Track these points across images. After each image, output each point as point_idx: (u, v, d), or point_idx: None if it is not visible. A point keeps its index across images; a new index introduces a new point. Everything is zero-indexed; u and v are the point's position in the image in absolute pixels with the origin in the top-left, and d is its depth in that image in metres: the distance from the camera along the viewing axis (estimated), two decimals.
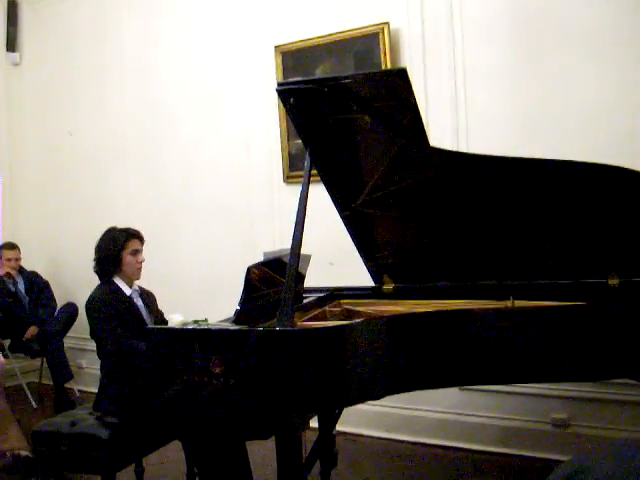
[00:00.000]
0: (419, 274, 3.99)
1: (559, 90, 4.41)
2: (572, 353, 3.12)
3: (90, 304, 4.11)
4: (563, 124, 4.38)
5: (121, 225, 4.33)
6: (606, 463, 0.76)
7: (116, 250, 4.19)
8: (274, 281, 3.55)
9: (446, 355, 3.15)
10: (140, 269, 4.29)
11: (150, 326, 4.05)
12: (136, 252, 4.25)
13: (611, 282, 3.57)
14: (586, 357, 3.12)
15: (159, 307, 4.47)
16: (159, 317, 4.37)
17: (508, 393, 4.66)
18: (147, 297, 4.38)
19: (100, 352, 4.11)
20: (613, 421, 4.31)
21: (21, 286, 6.83)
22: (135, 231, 4.30)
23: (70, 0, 7.14)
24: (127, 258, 4.21)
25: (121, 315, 4.08)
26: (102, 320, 4.05)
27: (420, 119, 3.17)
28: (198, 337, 3.07)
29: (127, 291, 4.23)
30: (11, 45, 7.53)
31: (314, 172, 3.42)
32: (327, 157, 3.52)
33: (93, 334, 4.11)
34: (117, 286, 4.21)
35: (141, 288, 4.38)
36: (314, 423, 4.10)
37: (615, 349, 3.10)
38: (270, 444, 3.21)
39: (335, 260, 4.96)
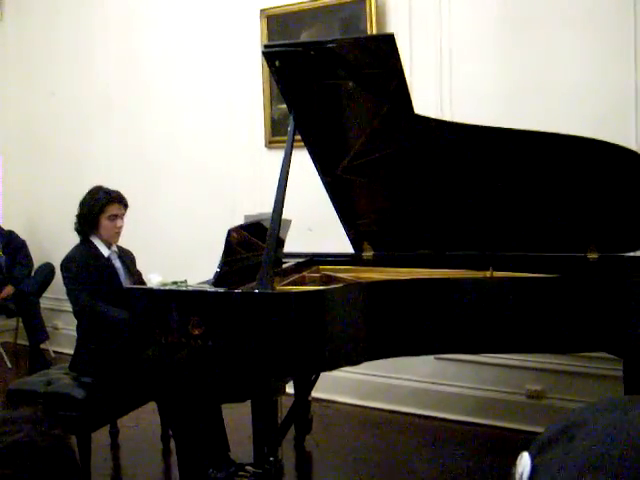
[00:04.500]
0: (399, 242, 4.00)
1: (545, 62, 4.39)
2: (549, 325, 3.15)
3: (65, 263, 4.09)
4: (548, 96, 4.37)
5: (107, 185, 4.30)
6: (601, 416, 0.76)
7: (94, 212, 4.13)
8: (253, 245, 3.54)
9: (424, 323, 3.17)
10: (118, 234, 4.24)
11: (129, 286, 4.02)
12: (115, 217, 4.19)
13: (590, 256, 3.60)
14: (563, 329, 3.15)
15: (138, 268, 4.45)
16: (137, 277, 4.34)
17: (483, 363, 4.68)
18: (126, 257, 4.35)
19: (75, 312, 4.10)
20: (587, 394, 4.34)
21: None
22: (118, 195, 4.23)
23: None
24: (104, 222, 4.15)
25: (96, 277, 4.06)
26: (72, 280, 4.04)
27: (406, 86, 3.15)
28: (177, 298, 3.06)
29: (105, 252, 4.19)
30: None
31: (297, 137, 3.41)
32: (311, 122, 3.51)
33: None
34: (95, 246, 4.18)
35: (120, 248, 4.34)
36: (290, 389, 4.12)
37: (591, 322, 3.12)
38: (244, 408, 3.22)
39: (315, 226, 4.94)
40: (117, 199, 4.21)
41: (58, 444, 1.12)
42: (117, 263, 4.24)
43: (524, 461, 0.78)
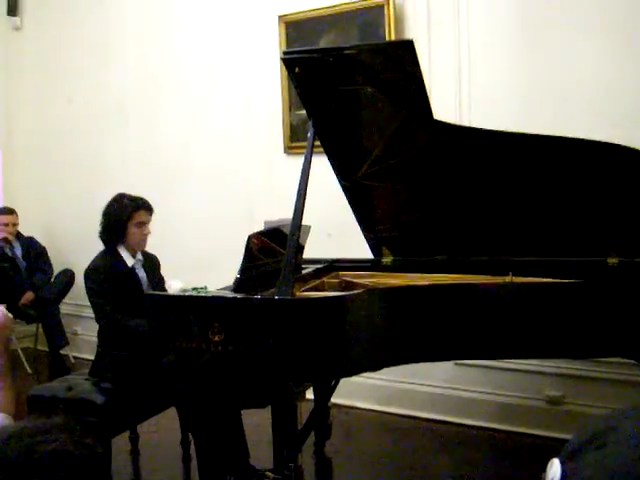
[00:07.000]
0: (418, 248, 3.99)
1: (562, 66, 4.38)
2: (569, 330, 3.13)
3: (88, 273, 4.09)
4: (565, 99, 4.36)
5: (125, 192, 4.30)
6: (630, 423, 0.76)
7: (122, 220, 4.12)
8: (273, 251, 3.54)
9: (444, 328, 3.16)
10: (145, 241, 4.24)
11: (150, 292, 4.02)
12: (142, 224, 4.17)
13: (610, 261, 3.57)
14: (582, 334, 3.13)
15: (161, 273, 4.45)
16: (160, 283, 4.33)
17: (503, 369, 4.67)
18: (150, 264, 4.34)
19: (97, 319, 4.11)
20: (607, 399, 4.32)
21: (18, 251, 6.77)
22: (144, 202, 4.22)
23: None
24: (132, 229, 4.14)
25: (119, 287, 4.06)
26: (96, 291, 4.04)
27: (425, 91, 3.16)
28: (198, 304, 3.07)
29: (129, 262, 4.18)
30: (12, 9, 7.41)
31: (316, 143, 3.41)
32: (330, 128, 3.50)
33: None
34: (120, 256, 4.17)
35: (145, 255, 4.32)
36: (310, 394, 4.11)
37: (611, 328, 3.11)
38: (264, 414, 3.22)
39: (334, 232, 4.94)
40: (144, 206, 4.20)
41: (91, 453, 1.14)
42: (141, 272, 4.23)
43: (554, 468, 0.78)
